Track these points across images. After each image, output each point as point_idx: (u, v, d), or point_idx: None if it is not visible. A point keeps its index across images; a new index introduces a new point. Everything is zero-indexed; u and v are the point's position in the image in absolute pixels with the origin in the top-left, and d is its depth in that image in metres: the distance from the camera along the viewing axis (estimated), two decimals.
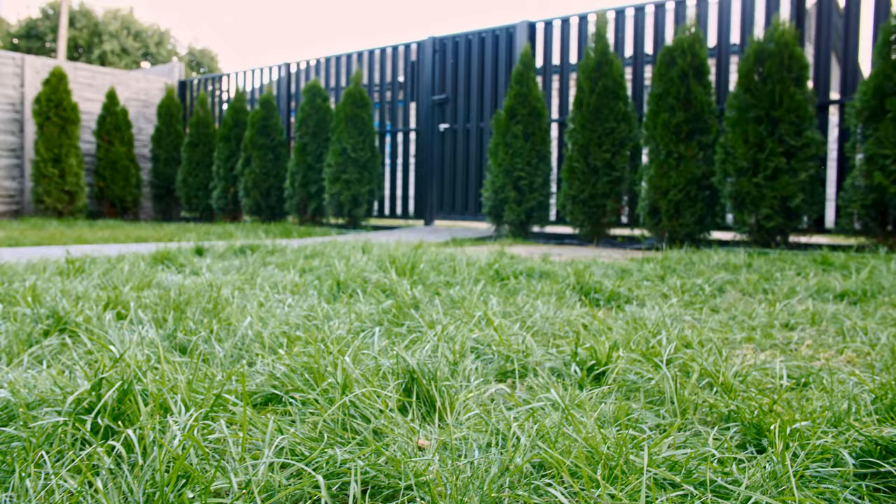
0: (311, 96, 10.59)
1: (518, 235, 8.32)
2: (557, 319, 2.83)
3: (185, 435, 1.30)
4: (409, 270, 3.91)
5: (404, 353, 1.82)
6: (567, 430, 1.43)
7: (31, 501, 1.08)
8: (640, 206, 7.23)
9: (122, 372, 1.57)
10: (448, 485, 1.20)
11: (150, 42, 37.16)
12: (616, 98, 7.49)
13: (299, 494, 1.24)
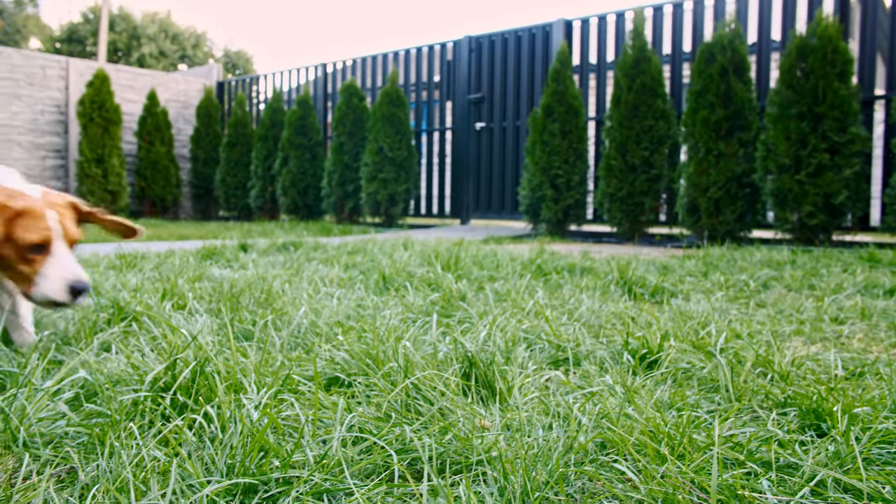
0: (347, 96, 10.69)
1: (555, 234, 8.32)
2: (604, 312, 2.85)
3: (262, 411, 1.35)
4: (452, 265, 3.95)
5: (462, 339, 1.86)
6: (627, 411, 1.45)
7: (125, 467, 1.14)
8: (679, 203, 7.19)
9: (194, 354, 1.63)
10: (517, 460, 1.23)
11: (187, 45, 37.73)
12: (654, 95, 7.46)
13: (371, 468, 1.29)
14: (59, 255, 1.97)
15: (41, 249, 1.95)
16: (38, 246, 1.95)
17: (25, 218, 1.95)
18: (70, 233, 2.03)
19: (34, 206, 1.98)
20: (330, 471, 1.23)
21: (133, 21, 36.60)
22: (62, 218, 2.02)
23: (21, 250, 1.93)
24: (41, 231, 1.95)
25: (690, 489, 1.11)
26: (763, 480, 1.17)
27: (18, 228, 1.93)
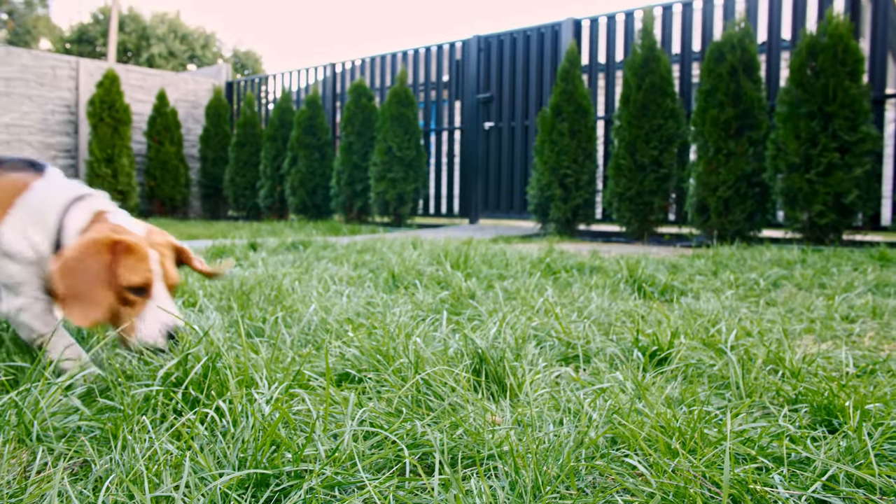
0: (356, 95, 10.71)
1: (564, 233, 8.32)
2: (613, 310, 2.85)
3: (274, 406, 1.36)
4: (462, 263, 3.95)
5: (472, 335, 1.86)
6: (638, 406, 1.45)
7: (138, 460, 1.15)
8: (689, 203, 7.17)
9: (205, 349, 1.64)
10: (528, 455, 1.24)
11: (196, 45, 37.86)
12: (663, 94, 7.45)
13: (383, 463, 1.29)
14: (159, 299, 1.91)
15: (142, 292, 1.90)
16: (139, 288, 1.89)
17: (129, 257, 1.89)
18: (170, 275, 1.98)
19: (139, 245, 1.92)
20: (341, 465, 1.24)
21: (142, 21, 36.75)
22: (163, 259, 1.97)
23: (121, 290, 1.87)
24: (143, 273, 1.90)
25: (702, 483, 1.11)
26: (775, 475, 1.17)
27: (121, 268, 1.87)
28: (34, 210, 1.99)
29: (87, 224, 1.99)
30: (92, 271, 1.83)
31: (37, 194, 2.01)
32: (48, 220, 2.00)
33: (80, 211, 2.01)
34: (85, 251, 1.84)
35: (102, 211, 2.04)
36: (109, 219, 2.01)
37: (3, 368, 1.83)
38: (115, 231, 1.92)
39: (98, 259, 1.85)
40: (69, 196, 2.03)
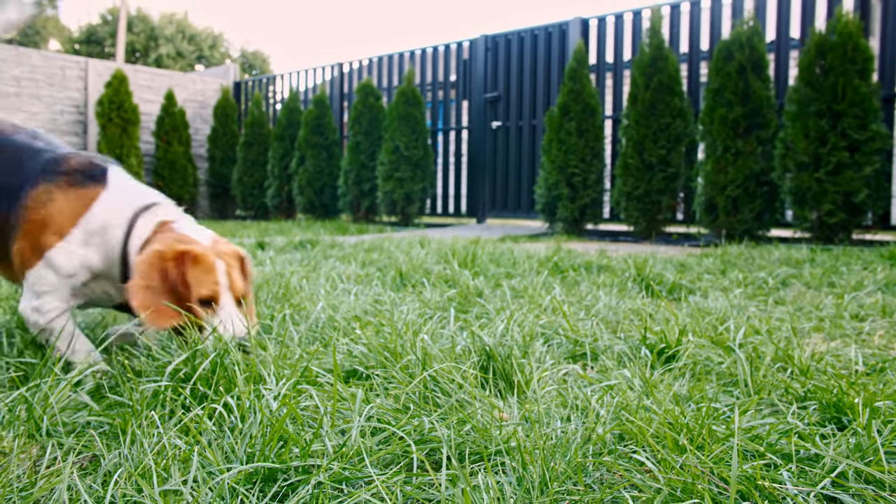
0: (363, 95, 10.72)
1: (572, 233, 8.31)
2: (621, 309, 2.84)
3: (281, 402, 1.36)
4: (469, 262, 3.95)
5: (480, 332, 1.86)
6: (646, 403, 1.45)
7: (146, 454, 1.15)
8: (697, 202, 7.15)
9: (213, 346, 1.64)
10: (536, 451, 1.23)
11: (204, 45, 37.97)
12: (671, 93, 7.43)
13: (390, 458, 1.29)
14: (226, 310, 1.88)
15: (210, 303, 1.88)
16: (206, 300, 1.88)
17: (196, 269, 1.87)
18: (237, 286, 1.94)
19: (205, 255, 1.89)
20: (349, 460, 1.24)
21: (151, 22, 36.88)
22: (230, 269, 1.94)
23: (191, 301, 1.85)
24: (210, 285, 1.88)
25: (710, 479, 1.11)
26: (783, 471, 1.17)
27: (189, 280, 1.85)
28: (96, 230, 1.96)
29: (151, 235, 1.96)
30: (162, 286, 1.83)
31: (99, 213, 1.97)
32: (110, 238, 1.97)
33: (144, 223, 1.98)
34: (153, 265, 1.83)
35: (167, 221, 2.00)
36: (175, 228, 1.98)
37: (13, 365, 1.84)
38: (180, 241, 1.90)
39: (166, 274, 1.83)
40: (133, 208, 2.00)
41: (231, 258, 1.98)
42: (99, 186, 2.02)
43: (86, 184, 2.01)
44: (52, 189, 1.98)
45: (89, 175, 2.04)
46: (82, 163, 2.06)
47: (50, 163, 2.03)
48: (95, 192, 2.00)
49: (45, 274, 1.94)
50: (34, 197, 1.97)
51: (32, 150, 2.08)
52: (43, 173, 2.00)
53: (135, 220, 1.98)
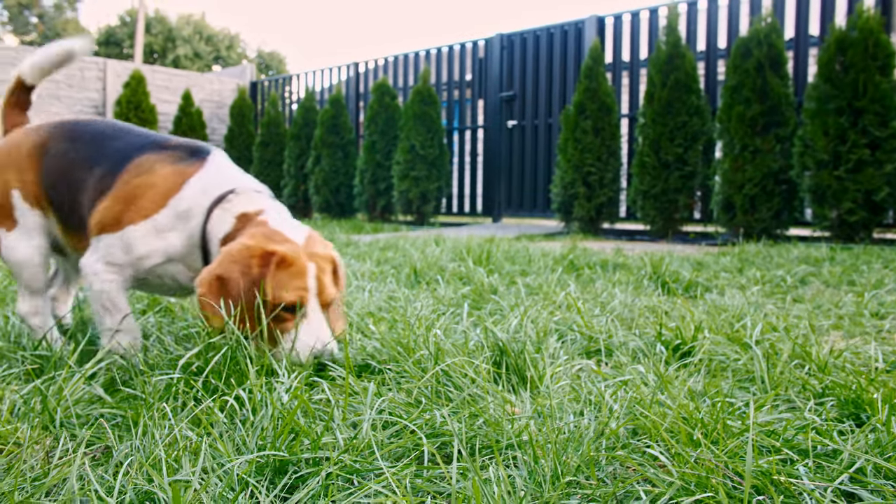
0: (379, 95, 10.73)
1: (588, 232, 8.27)
2: (636, 306, 2.82)
3: (293, 394, 1.36)
4: (484, 260, 3.94)
5: (493, 328, 1.85)
6: (660, 398, 1.44)
7: (157, 445, 1.15)
8: (714, 201, 7.10)
9: (227, 339, 1.64)
10: (548, 445, 1.22)
11: (221, 46, 38.19)
12: (688, 91, 7.37)
13: (401, 451, 1.28)
14: (311, 317, 1.75)
15: (294, 309, 1.75)
16: (290, 307, 1.74)
17: (283, 270, 1.73)
18: (326, 292, 1.79)
19: (295, 256, 1.75)
20: (360, 453, 1.23)
21: (168, 23, 37.15)
22: (321, 273, 1.79)
23: (273, 306, 1.72)
24: (298, 291, 1.73)
25: (724, 473, 1.09)
26: (800, 466, 1.15)
27: (274, 283, 1.71)
28: (181, 214, 1.89)
29: (233, 229, 1.84)
30: (240, 286, 1.70)
31: (188, 196, 1.90)
32: (192, 225, 1.89)
33: (220, 212, 1.88)
34: (233, 263, 1.71)
35: (256, 211, 1.88)
36: (267, 220, 1.85)
37: (29, 358, 1.85)
38: (269, 238, 1.77)
39: (248, 272, 1.71)
40: (220, 192, 1.90)
41: (324, 260, 1.83)
42: (196, 166, 1.95)
43: (186, 161, 1.95)
44: (153, 160, 1.94)
45: (192, 152, 1.99)
46: (187, 142, 2.03)
47: (157, 140, 2.03)
48: (191, 171, 1.93)
49: (117, 245, 1.88)
50: (135, 163, 1.93)
51: (141, 131, 2.09)
52: (149, 146, 1.99)
53: (210, 212, 1.89)
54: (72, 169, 2.06)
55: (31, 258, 2.11)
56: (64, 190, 2.07)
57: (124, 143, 2.02)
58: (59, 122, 2.20)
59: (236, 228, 1.84)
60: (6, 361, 1.83)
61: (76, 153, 2.07)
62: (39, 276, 2.14)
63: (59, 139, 2.12)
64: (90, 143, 2.07)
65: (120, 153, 1.99)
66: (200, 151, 2.01)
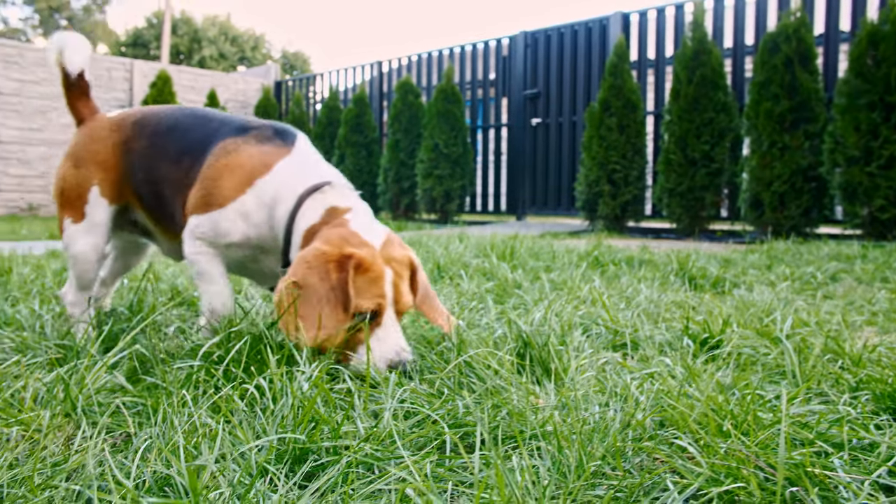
0: (403, 93, 10.73)
1: (613, 230, 8.20)
2: (663, 301, 2.78)
3: (313, 382, 1.34)
4: (508, 256, 3.91)
5: (517, 319, 1.82)
6: (688, 390, 1.40)
7: (176, 432, 1.14)
8: (741, 198, 7.00)
9: (248, 330, 1.63)
10: (573, 435, 1.19)
11: (246, 46, 38.46)
12: (715, 88, 7.28)
13: (423, 441, 1.26)
14: (387, 326, 1.66)
15: (369, 317, 1.65)
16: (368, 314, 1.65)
17: (360, 277, 1.64)
18: (403, 300, 1.70)
19: (373, 261, 1.66)
20: (381, 442, 1.21)
21: (194, 24, 37.49)
22: (397, 279, 1.70)
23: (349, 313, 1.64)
24: (375, 298, 1.65)
25: (756, 464, 1.06)
26: (835, 459, 1.11)
27: (351, 289, 1.63)
28: (266, 201, 1.85)
29: (320, 221, 1.78)
30: (318, 291, 1.62)
31: (275, 179, 1.86)
32: (277, 214, 1.84)
33: (311, 206, 1.82)
34: (310, 269, 1.64)
35: (345, 208, 1.81)
36: (349, 220, 1.77)
37: (53, 348, 1.86)
38: (346, 241, 1.68)
39: (326, 277, 1.63)
40: (304, 185, 1.84)
41: (402, 265, 1.74)
42: (284, 149, 1.91)
43: (273, 142, 1.92)
44: (238, 142, 1.93)
45: (279, 133, 1.96)
46: (271, 123, 2.01)
47: (242, 123, 2.01)
48: (279, 154, 1.90)
49: (205, 225, 1.89)
50: (220, 147, 1.93)
51: (226, 116, 2.08)
52: (234, 130, 1.98)
53: (302, 200, 1.82)
54: (155, 164, 2.08)
55: (86, 255, 2.15)
56: (149, 185, 2.10)
57: (204, 132, 2.02)
58: (140, 115, 2.21)
59: (322, 222, 1.78)
60: (31, 351, 1.84)
61: (156, 148, 2.08)
62: (90, 272, 2.18)
63: (139, 135, 2.14)
64: (169, 135, 2.08)
65: (202, 142, 1.99)
66: (286, 134, 1.98)
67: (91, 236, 2.15)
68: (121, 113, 2.28)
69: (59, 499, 1.01)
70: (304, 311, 1.62)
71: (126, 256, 2.56)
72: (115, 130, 2.19)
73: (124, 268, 2.59)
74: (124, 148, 2.15)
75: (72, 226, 2.16)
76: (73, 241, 2.16)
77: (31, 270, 3.27)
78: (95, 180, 2.15)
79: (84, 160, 2.18)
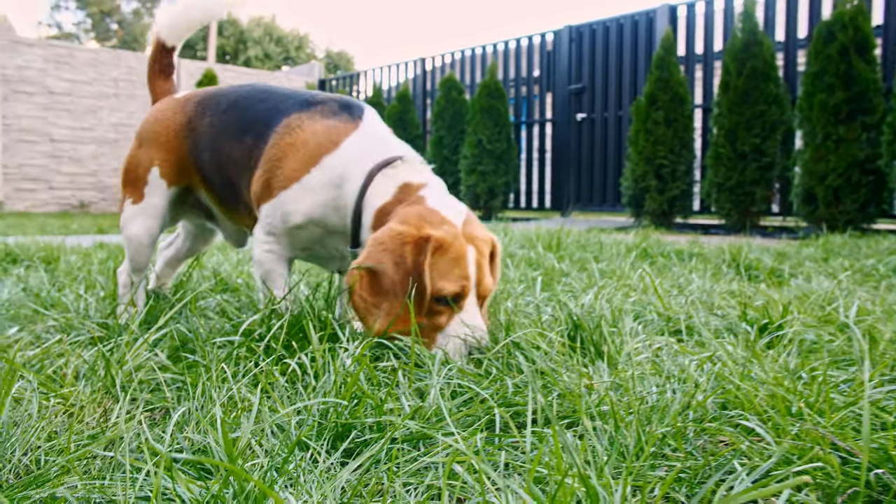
0: (446, 90, 10.69)
1: (660, 226, 8.04)
2: (716, 291, 2.67)
3: (356, 358, 1.30)
4: (554, 246, 3.83)
5: (567, 301, 1.76)
6: (753, 371, 1.32)
7: (215, 405, 1.10)
8: (794, 193, 6.79)
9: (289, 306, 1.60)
10: (631, 415, 1.13)
11: (291, 47, 38.86)
12: (766, 79, 7.08)
13: (471, 420, 1.20)
14: (469, 312, 1.54)
15: (450, 301, 1.53)
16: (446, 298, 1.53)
17: (442, 258, 1.51)
18: (485, 283, 1.58)
19: (455, 241, 1.53)
20: (427, 420, 1.16)
21: (240, 26, 38.00)
22: (480, 259, 1.57)
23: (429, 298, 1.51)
24: (459, 280, 1.52)
25: (834, 443, 0.97)
26: None
27: (432, 271, 1.50)
28: (335, 177, 1.73)
29: (392, 199, 1.66)
30: (394, 276, 1.50)
31: (343, 156, 1.74)
32: (346, 193, 1.72)
33: (382, 182, 1.69)
34: (384, 252, 1.51)
35: (419, 184, 1.70)
36: (426, 197, 1.65)
37: (96, 326, 1.85)
38: (425, 219, 1.55)
39: (401, 261, 1.50)
40: (374, 160, 1.72)
41: (485, 245, 1.61)
42: (352, 125, 1.79)
43: (340, 117, 1.80)
44: (302, 118, 1.81)
45: (346, 107, 1.84)
46: (337, 97, 1.90)
47: (302, 97, 1.91)
48: (346, 130, 1.77)
49: (273, 215, 1.78)
50: (283, 125, 1.82)
51: (289, 91, 1.99)
52: (298, 105, 1.87)
53: (372, 177, 1.69)
54: (218, 143, 2.01)
55: (139, 238, 2.12)
56: (213, 165, 2.04)
57: (266, 108, 1.93)
58: (203, 94, 2.16)
59: (395, 200, 1.66)
60: (74, 331, 1.83)
61: (218, 127, 2.02)
62: (143, 255, 2.15)
63: (201, 114, 2.08)
64: (230, 112, 2.01)
65: (264, 119, 1.90)
66: (353, 107, 1.86)
67: (147, 218, 2.12)
68: (186, 94, 2.24)
69: (94, 469, 0.98)
70: (376, 298, 1.51)
71: (194, 240, 2.52)
72: (178, 112, 2.15)
73: (191, 251, 2.55)
74: (188, 128, 2.10)
75: (130, 206, 2.15)
76: (128, 223, 2.14)
77: (78, 258, 3.29)
78: (157, 161, 2.11)
79: (147, 140, 2.16)
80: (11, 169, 11.93)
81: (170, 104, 2.20)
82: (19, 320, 2.07)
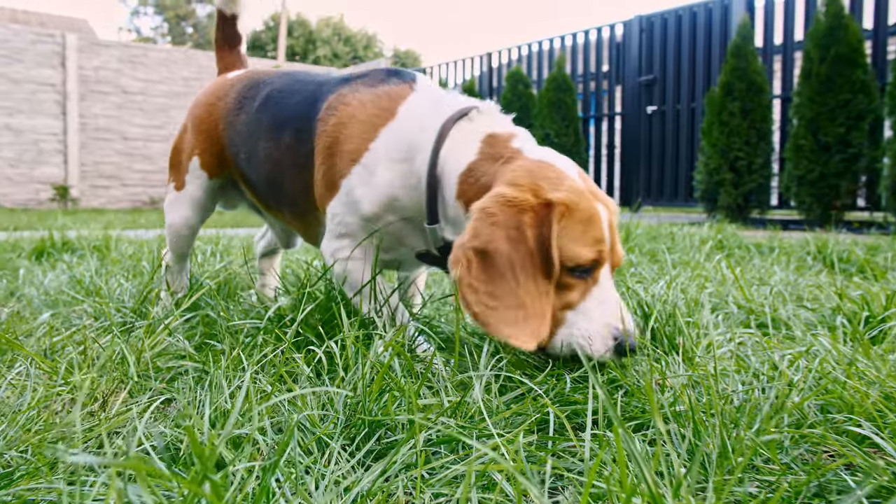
0: (513, 83, 10.49)
1: (735, 221, 7.66)
2: (801, 284, 2.43)
3: (388, 343, 1.14)
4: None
5: (636, 288, 1.56)
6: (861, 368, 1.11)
7: (223, 394, 0.96)
8: (882, 185, 6.35)
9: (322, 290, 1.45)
10: (712, 418, 0.94)
11: (359, 46, 39.20)
12: (852, 66, 6.65)
13: (520, 419, 1.03)
14: (604, 286, 1.27)
15: (584, 273, 1.26)
16: (584, 268, 1.25)
17: (572, 220, 1.24)
18: (619, 250, 1.32)
19: (582, 201, 1.25)
20: (470, 419, 0.99)
21: (309, 26, 38.50)
22: (613, 219, 1.32)
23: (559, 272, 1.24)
24: (596, 245, 1.25)
25: None
26: None
27: (561, 238, 1.22)
28: (401, 148, 1.45)
29: (480, 157, 1.36)
30: (511, 258, 1.19)
31: (405, 125, 1.46)
32: (419, 163, 1.43)
33: (460, 134, 1.40)
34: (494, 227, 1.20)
35: (507, 135, 1.39)
36: (522, 149, 1.34)
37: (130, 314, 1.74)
38: (540, 178, 1.26)
39: (521, 237, 1.20)
40: (447, 114, 1.44)
41: (612, 203, 1.35)
42: (405, 87, 1.51)
43: (389, 82, 1.54)
44: (345, 93, 1.55)
45: (394, 73, 1.58)
46: (380, 68, 1.64)
47: (344, 76, 1.66)
48: (401, 94, 1.50)
49: (342, 211, 1.51)
50: (325, 109, 1.56)
51: (327, 76, 1.75)
52: (336, 84, 1.63)
53: (445, 132, 1.39)
54: (251, 146, 1.81)
55: (177, 227, 2.02)
56: (249, 166, 1.84)
57: (298, 102, 1.69)
58: (243, 85, 1.95)
59: (484, 157, 1.35)
60: (105, 318, 1.73)
61: (251, 127, 1.81)
62: (182, 244, 2.05)
63: (238, 110, 1.89)
64: (262, 112, 1.79)
65: (300, 115, 1.65)
66: (402, 73, 1.60)
67: (185, 208, 2.00)
68: (237, 75, 2.05)
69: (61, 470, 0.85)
70: (493, 289, 1.18)
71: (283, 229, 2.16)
72: (222, 98, 1.97)
73: (285, 241, 2.19)
74: (226, 122, 1.92)
75: (172, 192, 2.04)
76: (169, 209, 2.04)
77: (129, 247, 3.24)
78: (198, 150, 1.96)
79: (192, 125, 2.02)
80: (88, 167, 12.26)
81: (220, 86, 2.04)
82: (56, 306, 1.99)
